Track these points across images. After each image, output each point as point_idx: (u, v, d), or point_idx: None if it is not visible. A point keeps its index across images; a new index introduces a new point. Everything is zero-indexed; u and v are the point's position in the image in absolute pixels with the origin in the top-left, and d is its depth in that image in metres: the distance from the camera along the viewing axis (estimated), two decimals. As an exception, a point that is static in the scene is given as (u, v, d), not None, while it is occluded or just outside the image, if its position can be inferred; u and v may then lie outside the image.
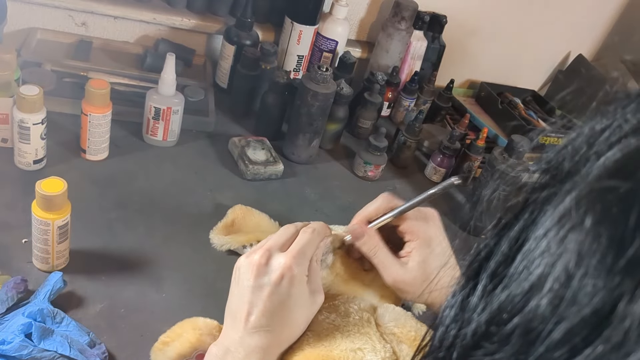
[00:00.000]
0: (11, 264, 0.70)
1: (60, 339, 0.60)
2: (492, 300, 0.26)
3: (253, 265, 0.54)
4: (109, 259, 0.74)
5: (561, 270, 0.23)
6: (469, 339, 0.27)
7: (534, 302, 0.23)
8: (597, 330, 0.21)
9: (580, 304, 0.22)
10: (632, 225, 0.21)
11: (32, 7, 1.07)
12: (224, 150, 1.01)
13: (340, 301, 0.61)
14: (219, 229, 0.81)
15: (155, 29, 1.16)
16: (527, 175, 0.29)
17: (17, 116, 0.78)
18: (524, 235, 0.26)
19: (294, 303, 0.54)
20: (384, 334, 0.58)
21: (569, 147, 0.26)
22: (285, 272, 0.53)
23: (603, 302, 0.21)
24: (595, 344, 0.21)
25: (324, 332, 0.57)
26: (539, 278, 0.24)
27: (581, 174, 0.24)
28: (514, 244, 0.26)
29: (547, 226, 0.24)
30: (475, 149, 1.08)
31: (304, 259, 0.55)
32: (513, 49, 1.44)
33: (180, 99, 0.94)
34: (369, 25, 1.32)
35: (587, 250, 0.22)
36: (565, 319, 0.22)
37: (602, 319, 0.21)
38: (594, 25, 1.48)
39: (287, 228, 0.58)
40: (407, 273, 0.63)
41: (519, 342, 0.24)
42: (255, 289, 0.53)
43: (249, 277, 0.53)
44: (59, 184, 0.65)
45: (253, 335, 0.52)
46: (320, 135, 1.03)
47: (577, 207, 0.23)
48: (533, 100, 1.40)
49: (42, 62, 1.01)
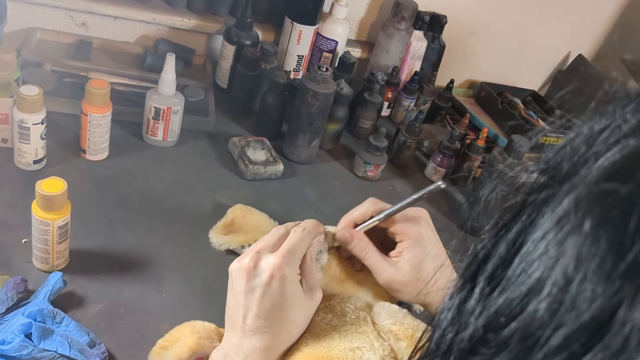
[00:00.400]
0: (11, 264, 0.70)
1: (60, 339, 0.60)
2: (489, 304, 0.25)
3: (243, 269, 0.54)
4: (109, 259, 0.74)
5: (560, 275, 0.22)
6: (466, 344, 0.26)
7: (532, 307, 0.23)
8: (596, 336, 0.21)
9: (579, 309, 0.21)
10: (632, 229, 0.21)
11: (32, 7, 1.07)
12: (224, 150, 1.01)
13: (336, 301, 0.61)
14: (219, 228, 0.81)
15: (155, 29, 1.16)
16: (526, 175, 0.29)
17: (17, 116, 0.78)
18: (522, 237, 0.26)
19: (289, 302, 0.54)
20: (381, 332, 0.58)
21: (567, 147, 0.26)
22: (274, 272, 0.53)
23: (602, 307, 0.21)
24: (595, 351, 0.21)
25: (322, 333, 0.57)
26: (537, 282, 0.23)
27: (580, 175, 0.24)
28: (511, 246, 0.26)
29: (546, 228, 0.24)
30: (475, 149, 1.08)
31: (294, 258, 0.55)
32: (513, 49, 1.44)
33: (180, 99, 0.94)
34: (369, 25, 1.32)
35: (586, 254, 0.22)
36: (564, 325, 0.22)
37: (602, 325, 0.21)
38: (594, 25, 1.48)
39: (278, 229, 0.59)
40: (399, 273, 0.63)
41: (517, 348, 0.23)
42: (248, 292, 0.53)
43: (241, 282, 0.54)
44: (59, 184, 0.65)
45: (251, 338, 0.53)
46: (320, 135, 1.03)
47: (576, 209, 0.23)
48: (533, 100, 1.40)
49: (42, 62, 1.01)
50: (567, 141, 0.26)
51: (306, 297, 0.56)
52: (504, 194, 0.32)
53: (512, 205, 0.28)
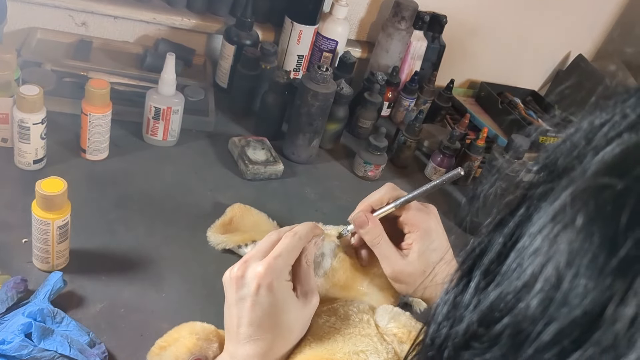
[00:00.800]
0: (11, 264, 0.70)
1: (60, 338, 0.60)
2: (484, 299, 0.25)
3: (232, 279, 0.55)
4: (109, 259, 0.74)
5: (552, 270, 0.22)
6: (460, 338, 0.26)
7: (524, 302, 0.23)
8: (587, 332, 0.21)
9: (571, 305, 0.21)
10: (625, 224, 0.21)
11: (32, 7, 1.07)
12: (224, 150, 1.01)
13: (339, 304, 0.61)
14: (217, 227, 0.81)
15: (155, 28, 1.16)
16: (525, 172, 0.29)
17: (17, 116, 0.78)
18: (518, 231, 0.25)
19: (280, 309, 0.54)
20: (384, 334, 0.58)
21: (567, 142, 0.26)
22: (260, 281, 0.53)
23: (594, 303, 0.21)
24: (585, 347, 0.21)
25: (325, 336, 0.56)
26: (530, 277, 0.23)
27: (578, 170, 0.24)
28: (508, 240, 0.26)
29: (542, 223, 0.24)
30: (475, 149, 1.08)
31: (283, 264, 0.55)
32: (513, 49, 1.44)
33: (180, 99, 0.94)
34: (369, 25, 1.32)
35: (578, 249, 0.22)
36: (555, 320, 0.22)
37: (593, 321, 0.21)
38: (594, 25, 1.48)
39: (270, 236, 0.58)
40: (408, 265, 0.63)
41: (508, 343, 0.23)
42: (239, 302, 0.54)
43: (232, 292, 0.55)
44: (59, 184, 0.65)
45: (245, 346, 0.53)
46: (320, 135, 1.03)
47: (572, 204, 0.23)
48: (533, 100, 1.40)
49: (42, 62, 1.01)
50: (567, 136, 0.26)
51: (300, 303, 0.55)
52: (503, 189, 0.32)
53: (511, 201, 0.28)
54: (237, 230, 0.81)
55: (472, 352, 0.25)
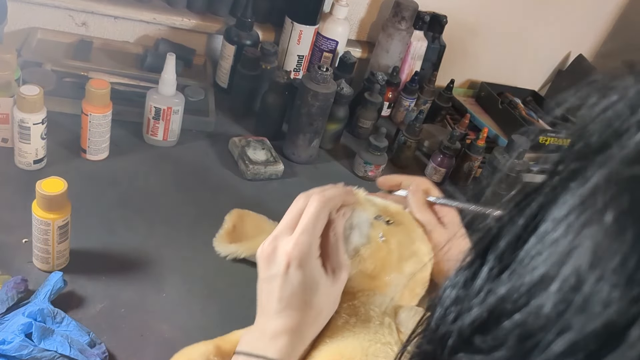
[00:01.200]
0: (11, 264, 0.70)
1: (60, 338, 0.60)
2: (495, 287, 0.22)
3: (263, 256, 0.53)
4: (109, 259, 0.74)
5: (573, 269, 0.19)
6: (467, 329, 0.23)
7: (539, 301, 0.20)
8: (607, 347, 0.18)
9: (590, 313, 0.18)
10: None
11: (33, 7, 1.07)
12: (224, 150, 1.01)
13: (360, 301, 0.58)
14: (222, 237, 0.79)
15: (156, 29, 1.16)
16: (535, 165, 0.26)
17: (18, 116, 0.78)
18: (541, 214, 0.22)
19: (309, 288, 0.52)
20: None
21: (609, 111, 0.21)
22: (290, 260, 0.52)
23: (618, 315, 0.18)
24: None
25: (343, 343, 0.54)
26: (548, 271, 0.20)
27: (616, 146, 0.20)
28: (530, 222, 0.22)
29: (568, 208, 0.20)
30: (476, 149, 1.08)
31: (311, 239, 0.52)
32: (513, 49, 1.44)
33: (180, 99, 0.94)
34: (369, 25, 1.32)
35: (605, 249, 0.18)
36: (571, 329, 0.19)
37: (615, 334, 0.18)
38: (594, 25, 1.48)
39: (297, 201, 0.55)
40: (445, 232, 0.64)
41: (515, 347, 0.20)
42: (269, 279, 0.53)
43: (262, 270, 0.53)
44: (59, 184, 0.65)
45: (277, 319, 0.52)
46: (320, 135, 1.03)
47: (604, 190, 0.19)
48: (533, 100, 1.40)
49: (43, 62, 1.01)
50: (610, 103, 0.22)
51: (329, 280, 0.53)
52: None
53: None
54: (242, 236, 0.80)
55: (474, 349, 0.22)
